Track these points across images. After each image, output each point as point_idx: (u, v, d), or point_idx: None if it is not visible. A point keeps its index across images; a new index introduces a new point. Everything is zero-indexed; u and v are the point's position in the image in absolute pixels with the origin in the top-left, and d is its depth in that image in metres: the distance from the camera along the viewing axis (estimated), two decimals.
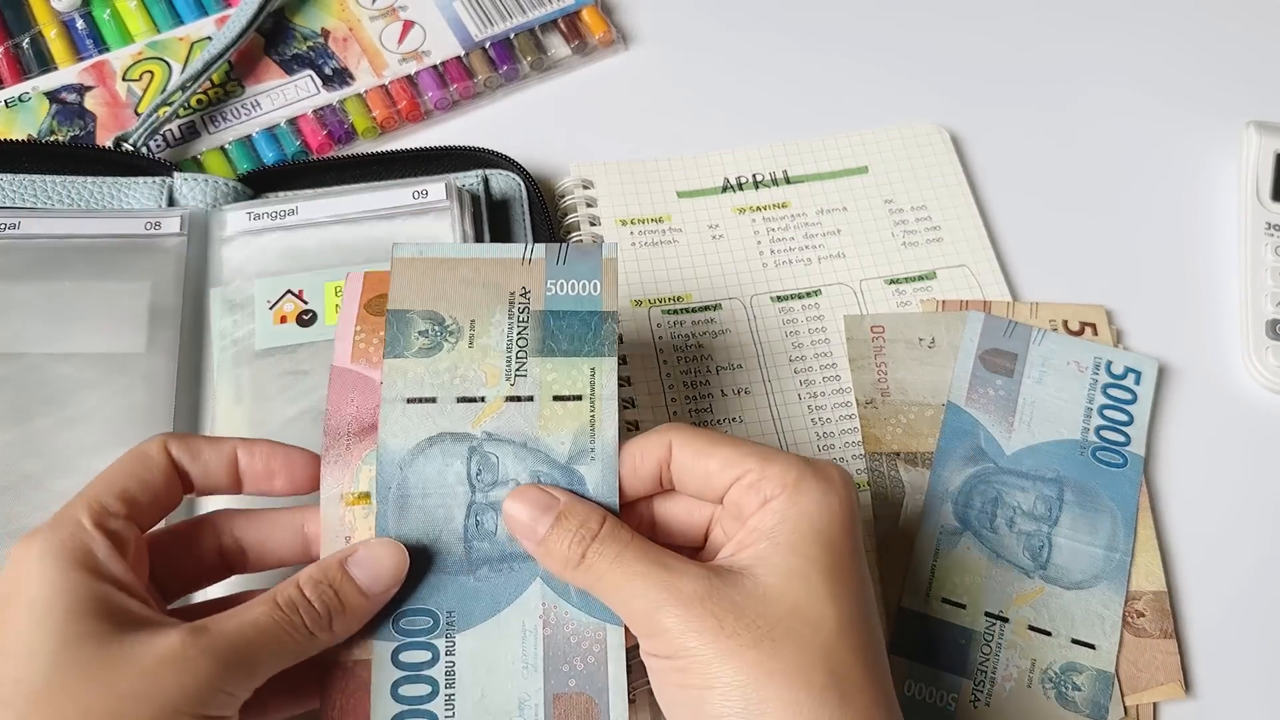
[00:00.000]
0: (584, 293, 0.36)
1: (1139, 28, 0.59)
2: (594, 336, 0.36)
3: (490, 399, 0.35)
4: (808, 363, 0.47)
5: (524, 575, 0.34)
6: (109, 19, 0.54)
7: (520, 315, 0.36)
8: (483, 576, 0.34)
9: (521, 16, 0.55)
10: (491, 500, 0.34)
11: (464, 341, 0.35)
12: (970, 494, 0.44)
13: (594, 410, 0.35)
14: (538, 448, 0.35)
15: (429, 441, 0.34)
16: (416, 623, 0.33)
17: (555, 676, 0.33)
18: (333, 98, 0.52)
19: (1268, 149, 0.53)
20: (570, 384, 0.35)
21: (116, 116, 0.51)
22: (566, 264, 0.37)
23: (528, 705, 0.33)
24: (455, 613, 0.33)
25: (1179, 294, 0.51)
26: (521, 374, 0.35)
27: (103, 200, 0.46)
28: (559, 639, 0.33)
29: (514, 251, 0.37)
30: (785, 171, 0.53)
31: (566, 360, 0.35)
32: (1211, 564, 0.44)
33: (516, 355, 0.36)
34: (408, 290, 0.36)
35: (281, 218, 0.45)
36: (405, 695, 0.32)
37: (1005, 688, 0.40)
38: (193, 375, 0.42)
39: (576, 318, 0.36)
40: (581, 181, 0.51)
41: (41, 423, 0.40)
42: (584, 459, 0.35)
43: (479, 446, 0.34)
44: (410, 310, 0.36)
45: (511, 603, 0.33)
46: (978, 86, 0.57)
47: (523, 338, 0.36)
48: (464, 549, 0.34)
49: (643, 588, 0.31)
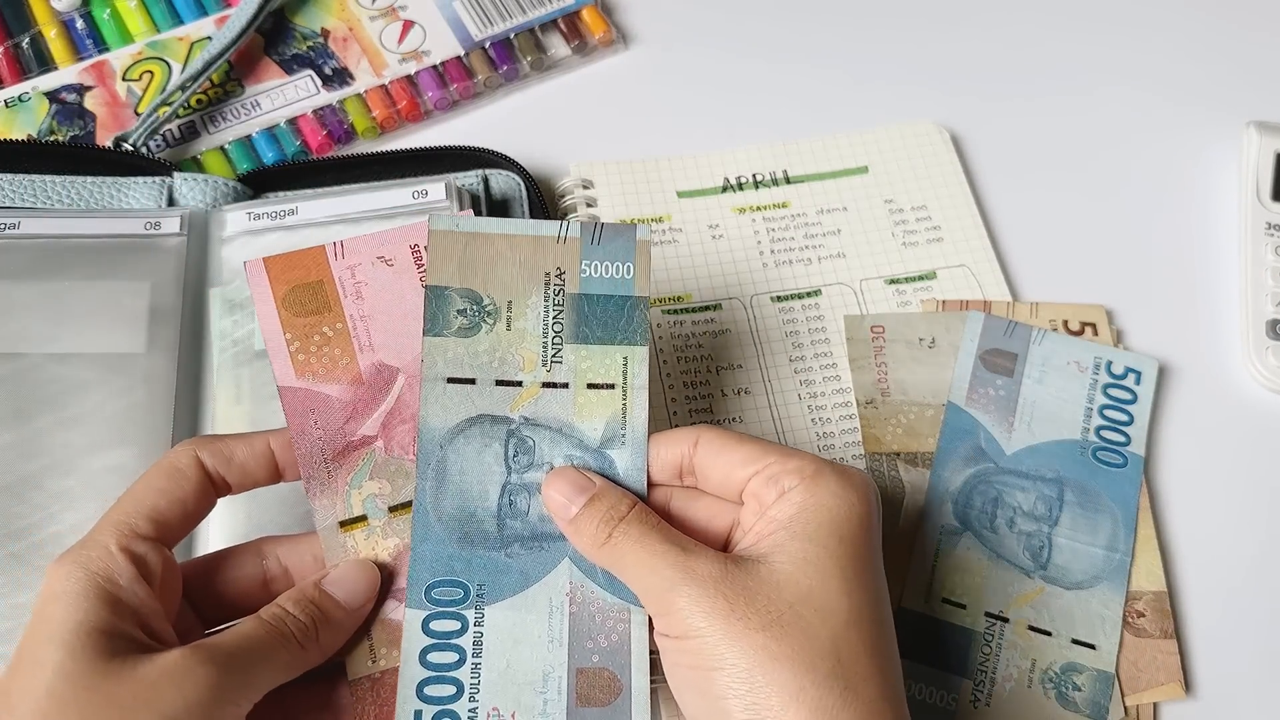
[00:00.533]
0: (618, 275, 0.37)
1: (1139, 27, 0.59)
2: (626, 323, 0.37)
3: (527, 384, 0.36)
4: (808, 363, 0.47)
5: (554, 554, 0.35)
6: (109, 19, 0.54)
7: (556, 299, 0.36)
8: (514, 553, 0.35)
9: (521, 16, 0.55)
10: (526, 481, 0.35)
11: (501, 324, 0.36)
12: (970, 494, 0.44)
13: (625, 399, 0.36)
14: (572, 433, 0.36)
15: (469, 422, 0.35)
16: (448, 593, 0.34)
17: (579, 652, 0.34)
18: (332, 98, 0.52)
19: (1268, 149, 0.53)
20: (604, 372, 0.36)
21: (116, 116, 0.51)
22: (601, 244, 0.37)
23: (551, 677, 0.34)
24: (485, 586, 0.35)
25: (1179, 294, 0.51)
26: (557, 360, 0.36)
27: (102, 200, 0.46)
28: (584, 616, 0.35)
29: (549, 229, 0.37)
30: (785, 171, 0.53)
31: (600, 348, 0.36)
32: (1211, 564, 0.44)
33: (552, 341, 0.36)
34: (445, 265, 0.36)
35: (281, 218, 0.45)
36: (433, 662, 0.34)
37: (1005, 688, 0.40)
38: (192, 375, 0.42)
39: (610, 302, 0.37)
40: (581, 181, 0.51)
41: (41, 423, 0.40)
42: (615, 444, 0.36)
43: (517, 430, 0.36)
44: (448, 287, 0.36)
45: (540, 580, 0.35)
46: (978, 86, 0.57)
47: (558, 322, 0.36)
48: (497, 526, 0.35)
49: (659, 566, 0.32)
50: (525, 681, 0.34)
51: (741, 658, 0.30)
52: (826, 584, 0.31)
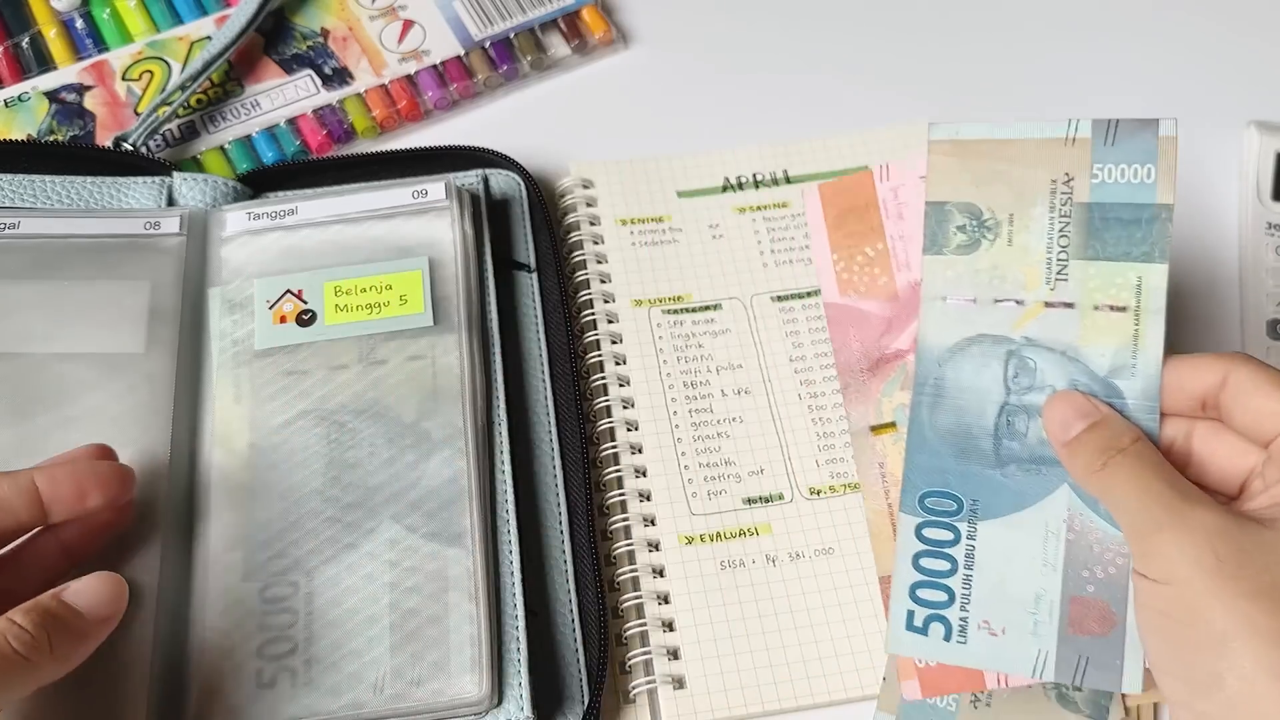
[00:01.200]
0: (1136, 180, 0.34)
1: (1139, 27, 0.59)
2: (1144, 236, 0.34)
3: (1029, 303, 0.35)
4: (807, 363, 0.47)
5: (1051, 480, 0.34)
6: (108, 18, 0.54)
7: (1062, 209, 0.35)
8: (1009, 474, 0.35)
9: (521, 16, 0.55)
10: (1025, 403, 0.35)
11: (1002, 239, 0.35)
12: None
13: (1138, 324, 0.34)
14: (1077, 357, 0.34)
15: (968, 341, 0.35)
16: (941, 504, 0.35)
17: (1074, 580, 0.34)
18: (332, 97, 0.52)
19: (1268, 149, 0.53)
20: (1114, 294, 0.34)
21: (116, 116, 0.51)
22: (1116, 144, 0.34)
23: (1044, 600, 0.34)
24: (979, 502, 0.35)
25: (1179, 294, 0.51)
26: (1062, 278, 0.35)
27: (102, 200, 0.46)
28: (1081, 545, 0.34)
29: (1056, 130, 0.35)
30: (785, 171, 0.52)
31: (1112, 265, 0.34)
32: None
33: (1058, 256, 0.35)
34: (944, 180, 0.35)
35: (281, 217, 0.45)
36: (926, 568, 0.35)
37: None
38: (192, 375, 0.42)
39: (1126, 211, 0.34)
40: (581, 181, 0.51)
41: (40, 422, 0.40)
42: (1124, 374, 0.34)
43: (1018, 351, 0.35)
44: (948, 202, 0.35)
45: (1036, 503, 0.34)
46: (977, 86, 0.57)
47: (1064, 235, 0.34)
48: (993, 445, 0.35)
49: (1150, 504, 0.30)
50: (1017, 599, 0.34)
51: (1221, 619, 0.28)
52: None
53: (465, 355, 0.42)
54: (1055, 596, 0.33)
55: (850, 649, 0.41)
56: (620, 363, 0.47)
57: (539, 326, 0.46)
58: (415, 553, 0.39)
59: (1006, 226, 0.35)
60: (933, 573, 0.34)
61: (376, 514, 0.39)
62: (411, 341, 0.42)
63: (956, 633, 0.34)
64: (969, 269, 0.35)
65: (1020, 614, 0.34)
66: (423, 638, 0.37)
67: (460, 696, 0.36)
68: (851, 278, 0.37)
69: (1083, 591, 0.33)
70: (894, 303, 0.38)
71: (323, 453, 0.40)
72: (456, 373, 0.42)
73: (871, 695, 0.40)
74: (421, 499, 0.40)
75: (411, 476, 0.40)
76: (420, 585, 0.38)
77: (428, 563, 0.39)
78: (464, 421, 0.41)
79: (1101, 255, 0.34)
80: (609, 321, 0.47)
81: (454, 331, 0.43)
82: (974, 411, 0.35)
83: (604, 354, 0.46)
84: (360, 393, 0.41)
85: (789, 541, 0.43)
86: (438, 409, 0.41)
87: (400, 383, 0.42)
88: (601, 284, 0.48)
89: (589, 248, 0.49)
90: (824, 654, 0.41)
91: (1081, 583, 0.33)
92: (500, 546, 0.40)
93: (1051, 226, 0.35)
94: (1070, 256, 0.35)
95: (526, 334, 0.46)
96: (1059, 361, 0.35)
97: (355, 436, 0.41)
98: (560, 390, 0.44)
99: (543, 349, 0.45)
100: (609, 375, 0.46)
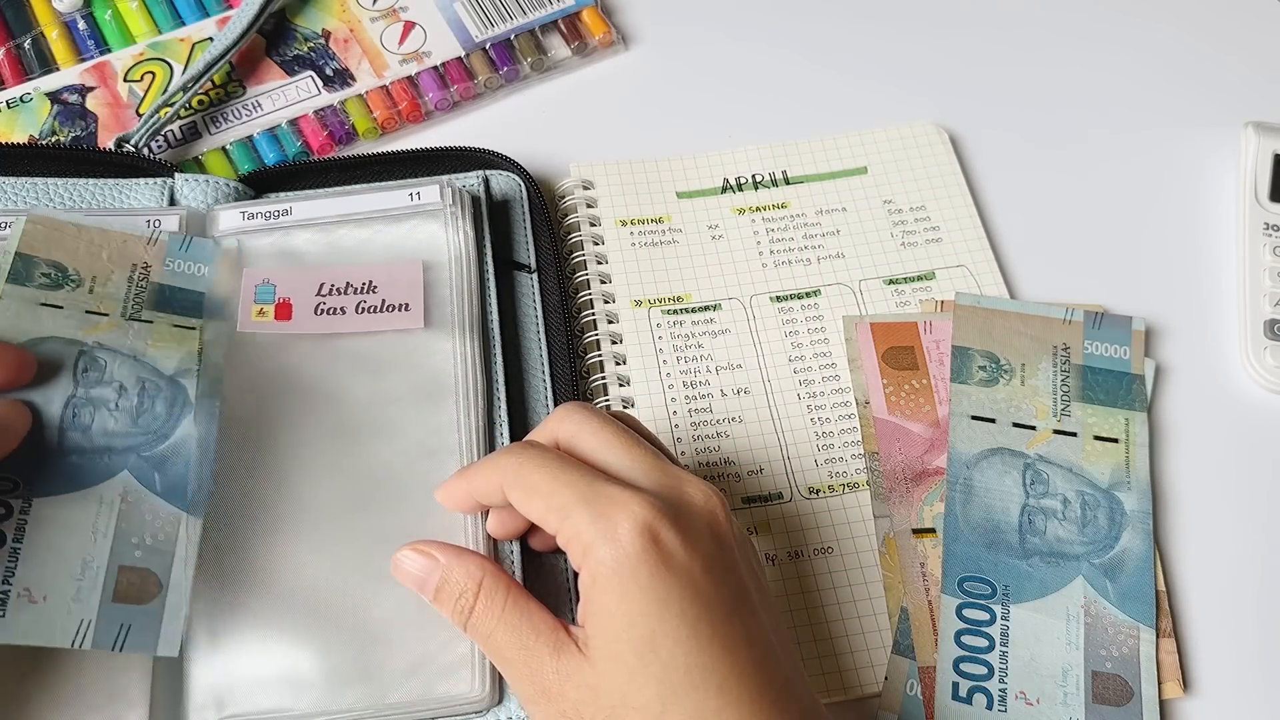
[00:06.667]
0: (1115, 355, 0.45)
1: (1138, 27, 0.59)
2: (1126, 394, 0.44)
3: (1040, 429, 0.43)
4: (807, 363, 0.47)
5: (1069, 570, 0.41)
6: (110, 20, 0.54)
7: (1062, 366, 0.45)
8: (1034, 564, 0.41)
9: (522, 17, 0.55)
10: (1043, 506, 0.42)
11: (1016, 380, 0.44)
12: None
13: (1128, 452, 0.43)
14: (1081, 473, 0.43)
15: (990, 452, 0.43)
16: (977, 588, 0.40)
17: (1093, 657, 0.39)
18: (334, 98, 0.53)
19: (1267, 149, 0.53)
20: (1108, 429, 0.43)
21: (118, 117, 0.51)
22: (1101, 329, 0.46)
23: (1070, 674, 0.39)
24: (1010, 587, 0.40)
25: (1178, 294, 0.51)
26: (1066, 413, 0.44)
27: (104, 202, 0.46)
28: (1098, 627, 0.40)
29: (1055, 311, 0.46)
30: (785, 172, 0.53)
31: (1104, 408, 0.44)
32: (1210, 563, 0.44)
33: (1061, 397, 0.44)
34: (968, 332, 0.46)
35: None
36: (967, 644, 0.40)
37: None
38: None
39: (1110, 375, 0.45)
40: (581, 182, 0.51)
41: None
42: (1122, 488, 0.42)
43: (1033, 464, 0.43)
44: (971, 348, 0.45)
45: (1058, 590, 0.40)
46: (977, 87, 0.57)
47: (1065, 384, 0.44)
48: (1018, 539, 0.41)
49: (513, 677, 0.32)
50: (1047, 674, 0.39)
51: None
52: (632, 680, 0.30)
53: (459, 357, 0.42)
54: (1079, 672, 0.39)
55: (850, 648, 0.41)
56: (620, 363, 0.47)
57: (539, 327, 0.46)
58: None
59: (1019, 371, 0.44)
60: (973, 649, 0.39)
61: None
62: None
63: (997, 702, 0.39)
64: (989, 398, 0.44)
65: (1052, 687, 0.39)
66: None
67: (460, 694, 0.37)
68: (899, 401, 0.44)
69: (1102, 667, 0.39)
70: (935, 429, 0.44)
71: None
72: (450, 375, 0.42)
73: (872, 693, 0.40)
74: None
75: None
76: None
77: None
78: (464, 421, 0.41)
79: (1095, 401, 0.44)
80: (609, 322, 0.48)
81: (448, 333, 0.43)
82: (999, 509, 0.42)
83: (604, 354, 0.47)
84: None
85: (788, 541, 0.43)
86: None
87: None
88: (601, 284, 0.48)
89: (589, 248, 0.49)
90: (823, 653, 0.41)
91: (1100, 659, 0.39)
92: (500, 546, 0.40)
93: (1055, 377, 0.44)
94: (1071, 399, 0.44)
95: (527, 334, 0.46)
96: (1068, 475, 0.43)
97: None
98: (560, 390, 0.44)
99: (543, 349, 0.45)
100: (609, 375, 0.46)
